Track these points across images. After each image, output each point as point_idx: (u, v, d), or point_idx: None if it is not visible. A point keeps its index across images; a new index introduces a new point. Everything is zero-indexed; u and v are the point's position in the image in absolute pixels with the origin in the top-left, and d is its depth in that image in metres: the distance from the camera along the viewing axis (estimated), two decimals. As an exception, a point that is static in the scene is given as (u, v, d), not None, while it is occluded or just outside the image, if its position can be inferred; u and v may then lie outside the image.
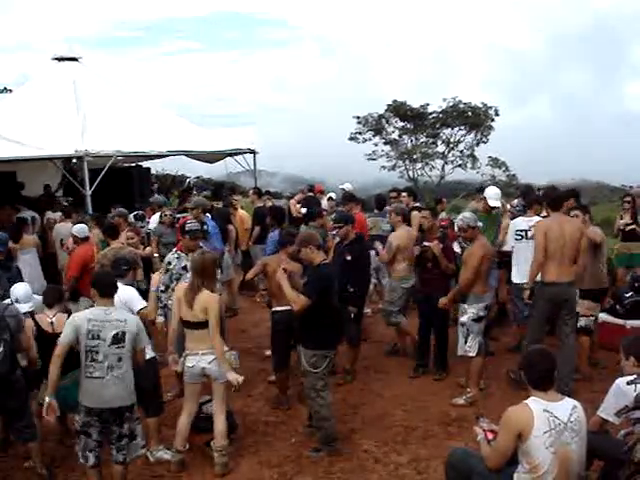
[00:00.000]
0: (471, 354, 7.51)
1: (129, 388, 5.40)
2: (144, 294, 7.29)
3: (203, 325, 5.98)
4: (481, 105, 32.86)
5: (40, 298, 6.83)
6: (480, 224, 7.84)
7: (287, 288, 6.35)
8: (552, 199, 7.73)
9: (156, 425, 6.53)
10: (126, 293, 6.37)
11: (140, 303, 6.48)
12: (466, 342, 7.50)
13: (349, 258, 7.83)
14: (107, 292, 5.51)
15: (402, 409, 7.48)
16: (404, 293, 8.70)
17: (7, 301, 6.38)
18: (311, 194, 14.03)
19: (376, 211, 11.43)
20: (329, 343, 6.42)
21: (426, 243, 8.23)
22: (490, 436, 4.72)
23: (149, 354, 6.29)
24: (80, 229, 9.23)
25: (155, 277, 7.79)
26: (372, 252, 10.24)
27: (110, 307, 5.45)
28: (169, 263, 7.53)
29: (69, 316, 5.80)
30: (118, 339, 5.29)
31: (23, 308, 6.35)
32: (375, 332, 10.04)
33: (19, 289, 6.66)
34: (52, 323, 6.28)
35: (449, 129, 33.98)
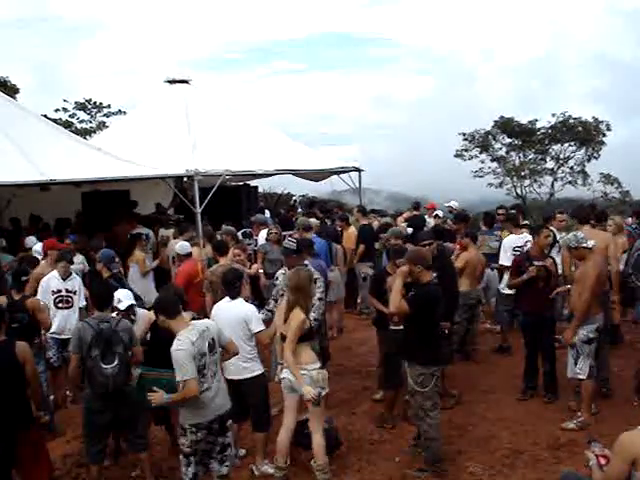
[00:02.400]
0: (581, 377, 7.29)
1: (227, 391, 5.64)
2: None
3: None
4: (592, 120, 31.78)
5: (144, 312, 7.06)
6: (592, 243, 7.60)
7: (397, 287, 6.35)
8: (578, 216, 8.98)
9: (264, 439, 6.62)
10: (248, 311, 6.47)
11: (259, 325, 6.48)
12: (576, 364, 7.29)
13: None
14: (174, 313, 5.43)
15: (509, 431, 7.32)
16: None
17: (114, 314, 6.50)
18: (416, 212, 14.01)
19: (484, 228, 11.28)
20: (434, 360, 6.37)
21: (537, 262, 8.05)
22: (603, 462, 4.53)
23: (258, 370, 6.43)
24: (182, 247, 9.58)
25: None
26: (488, 271, 10.18)
27: (190, 324, 5.42)
28: (276, 278, 7.72)
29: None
30: (211, 347, 5.42)
31: (124, 305, 6.59)
32: (479, 352, 9.86)
33: (121, 292, 6.92)
34: None
35: (558, 145, 33.00)
